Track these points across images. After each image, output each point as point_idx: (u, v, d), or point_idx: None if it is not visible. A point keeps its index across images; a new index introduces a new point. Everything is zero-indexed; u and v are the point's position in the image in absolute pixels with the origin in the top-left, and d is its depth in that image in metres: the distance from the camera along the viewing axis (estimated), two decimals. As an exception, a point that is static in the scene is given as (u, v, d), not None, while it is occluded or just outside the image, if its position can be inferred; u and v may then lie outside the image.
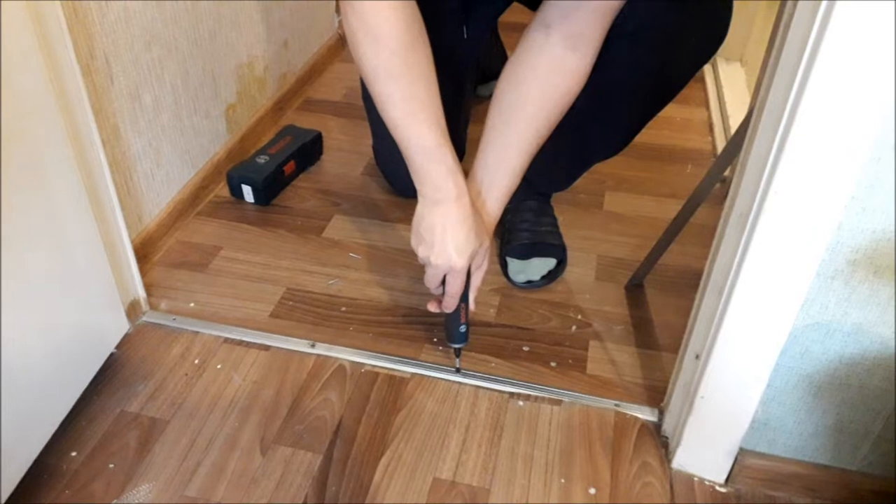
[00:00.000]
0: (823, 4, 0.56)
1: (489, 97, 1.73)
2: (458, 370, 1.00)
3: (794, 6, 0.60)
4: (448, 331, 0.99)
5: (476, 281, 0.96)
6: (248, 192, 1.32)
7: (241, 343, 1.05)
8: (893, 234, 0.65)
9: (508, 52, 1.67)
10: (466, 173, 1.38)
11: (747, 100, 1.58)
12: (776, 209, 0.65)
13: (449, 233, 0.88)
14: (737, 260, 0.71)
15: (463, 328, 0.97)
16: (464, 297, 0.95)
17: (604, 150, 1.14)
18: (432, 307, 0.99)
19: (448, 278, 0.91)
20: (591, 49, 0.88)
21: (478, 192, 0.95)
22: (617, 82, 0.97)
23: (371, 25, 0.81)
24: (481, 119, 1.54)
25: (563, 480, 0.88)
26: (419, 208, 0.90)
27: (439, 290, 0.95)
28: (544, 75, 0.89)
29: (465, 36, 1.20)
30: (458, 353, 1.00)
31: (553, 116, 0.92)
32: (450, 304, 0.94)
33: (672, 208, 1.09)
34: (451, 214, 0.87)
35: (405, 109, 0.85)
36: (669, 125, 1.58)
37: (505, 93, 0.93)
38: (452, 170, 0.87)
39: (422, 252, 0.91)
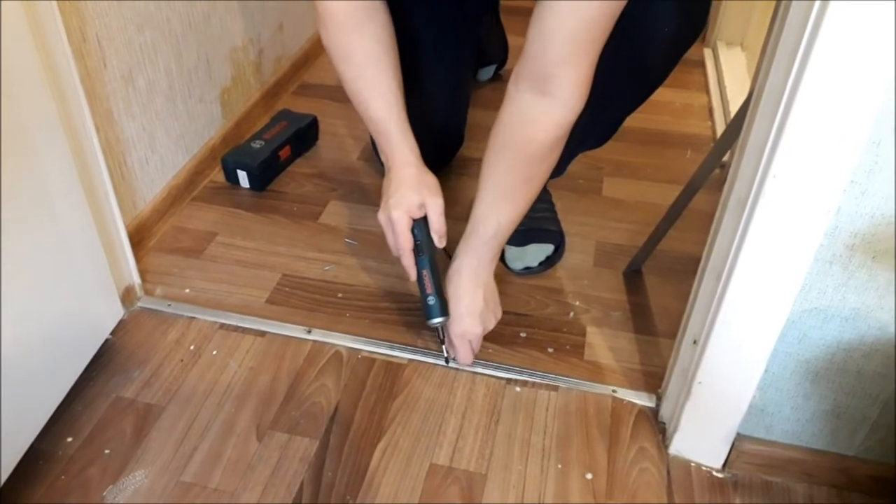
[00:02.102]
0: (824, -14, 0.55)
1: (488, 81, 1.71)
2: (446, 360, 0.99)
3: (795, -12, 0.60)
4: (423, 306, 0.96)
5: (432, 218, 0.97)
6: (243, 177, 1.32)
7: (236, 329, 1.04)
8: (893, 217, 0.64)
9: (509, 36, 1.67)
10: (464, 158, 1.37)
11: (747, 84, 1.57)
12: (775, 194, 0.65)
13: (390, 191, 0.95)
14: (735, 245, 0.70)
15: (431, 300, 0.94)
16: (425, 264, 0.96)
17: (589, 140, 1.13)
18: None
19: (393, 229, 0.95)
20: (564, 94, 0.82)
21: (470, 232, 0.96)
22: (596, 72, 0.96)
23: (321, 11, 0.92)
24: (482, 103, 1.55)
25: (559, 466, 0.88)
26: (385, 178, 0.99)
27: (397, 253, 0.97)
28: (513, 121, 0.87)
29: (464, 19, 1.19)
30: (439, 332, 0.97)
31: (531, 162, 0.89)
32: (405, 264, 0.96)
33: (671, 194, 1.09)
34: (395, 176, 0.96)
35: (354, 88, 0.96)
36: (669, 110, 1.57)
37: (488, 145, 0.92)
38: (398, 140, 0.96)
39: (381, 213, 0.97)
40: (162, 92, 1.19)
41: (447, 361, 0.99)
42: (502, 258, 1.16)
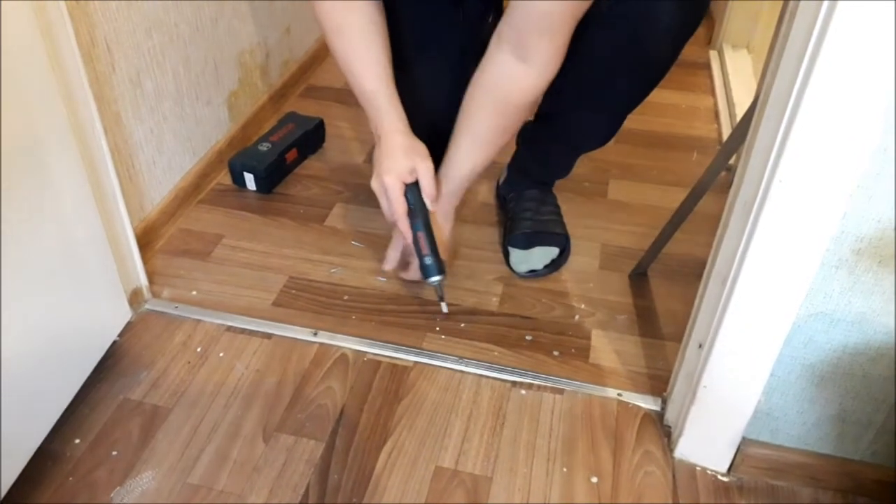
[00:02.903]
0: (830, -9, 0.55)
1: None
2: (446, 315, 1.05)
3: (801, -8, 0.60)
4: (420, 268, 1.03)
5: (424, 183, 1.00)
6: (250, 179, 1.32)
7: (243, 331, 1.05)
8: (899, 223, 0.65)
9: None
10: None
11: (754, 87, 1.56)
12: (781, 198, 0.65)
13: (381, 158, 0.99)
14: (741, 249, 0.70)
15: (428, 260, 1.00)
16: (419, 227, 1.00)
17: (592, 137, 1.12)
18: (404, 274, 1.09)
19: (387, 200, 0.99)
20: (540, 62, 0.90)
21: (443, 174, 1.03)
22: (594, 66, 0.97)
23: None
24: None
25: (565, 469, 0.88)
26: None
27: (392, 218, 1.01)
28: (493, 78, 0.95)
29: (462, 15, 1.19)
30: (438, 290, 1.04)
31: (506, 115, 0.97)
32: (401, 227, 1.00)
33: (677, 196, 1.08)
34: (384, 143, 0.99)
35: (344, 61, 0.98)
36: (675, 113, 1.57)
37: (468, 94, 0.99)
38: (387, 111, 0.99)
39: (374, 181, 1.01)
40: (170, 95, 1.20)
41: (446, 312, 1.06)
42: (507, 261, 1.17)
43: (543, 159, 1.19)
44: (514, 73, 0.92)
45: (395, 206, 0.99)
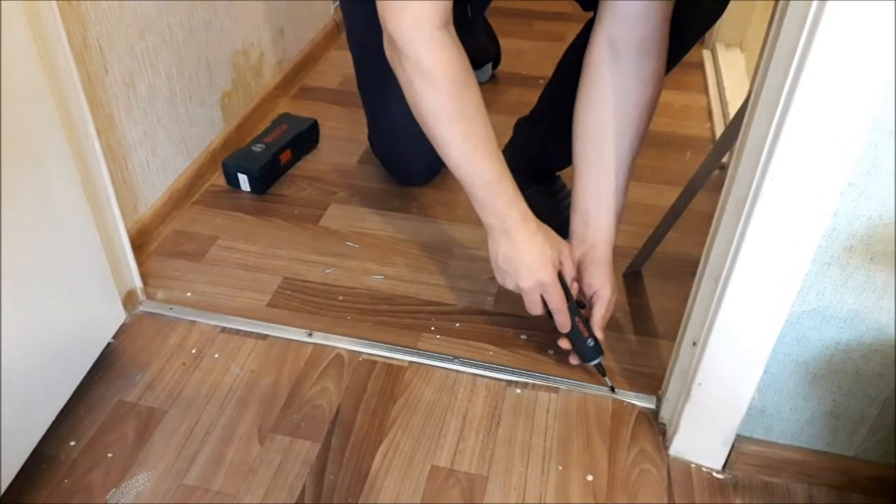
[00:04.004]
0: (820, -11, 0.55)
1: (485, 83, 1.72)
2: (612, 389, 0.96)
3: (791, -9, 0.60)
4: (578, 352, 0.95)
5: (567, 266, 0.92)
6: (244, 180, 1.32)
7: (238, 332, 1.05)
8: (891, 219, 0.65)
9: (501, 39, 1.67)
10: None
11: (746, 86, 1.57)
12: (773, 195, 0.65)
13: (524, 254, 0.89)
14: (733, 247, 0.71)
15: (590, 342, 0.94)
16: (574, 311, 0.92)
17: None
18: (563, 344, 0.97)
19: (545, 296, 0.90)
20: (662, 48, 0.88)
21: (585, 223, 0.96)
22: None
23: (427, 70, 0.83)
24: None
25: (560, 468, 0.88)
26: (491, 244, 0.92)
27: (542, 310, 0.93)
28: (623, 92, 0.90)
29: (469, 15, 1.19)
30: (599, 369, 0.96)
31: (642, 126, 0.93)
32: (562, 321, 0.92)
33: (670, 195, 1.09)
34: (520, 237, 0.89)
35: (466, 148, 0.87)
36: (668, 112, 1.57)
37: (588, 118, 0.93)
38: (514, 198, 0.89)
39: (510, 283, 0.91)
40: (163, 96, 1.20)
41: (612, 391, 0.96)
42: None
43: (543, 148, 1.19)
44: (645, 72, 0.88)
45: (558, 301, 0.90)
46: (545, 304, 0.92)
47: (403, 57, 0.83)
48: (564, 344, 0.96)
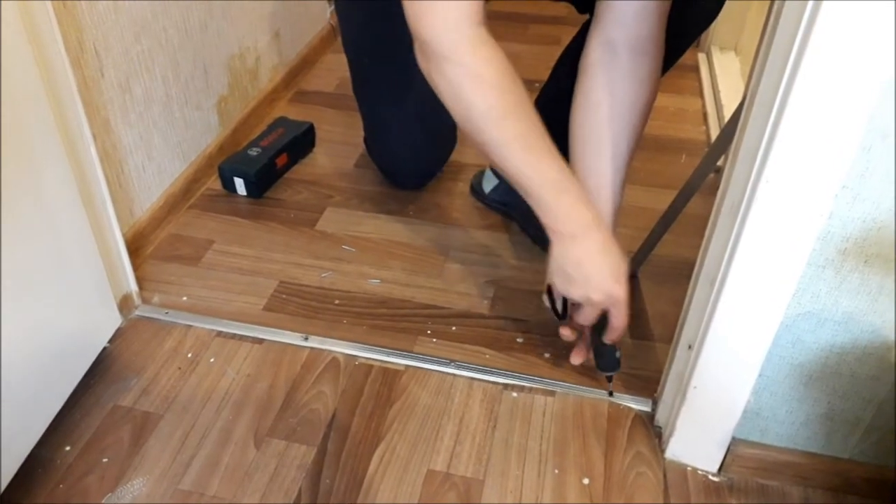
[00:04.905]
0: (813, -7, 0.56)
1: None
2: (610, 393, 0.96)
3: (785, -5, 0.60)
4: (604, 360, 0.93)
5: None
6: (240, 184, 1.32)
7: (234, 336, 1.05)
8: (885, 222, 0.65)
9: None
10: (458, 164, 1.37)
11: (741, 89, 1.57)
12: (767, 199, 0.65)
13: (599, 262, 0.83)
14: (728, 250, 0.71)
15: (618, 354, 0.92)
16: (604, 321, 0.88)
17: None
18: (567, 333, 0.94)
19: (612, 311, 0.85)
20: (660, 47, 0.87)
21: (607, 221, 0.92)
22: None
23: (475, 70, 0.78)
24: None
25: (556, 471, 0.88)
26: (555, 249, 0.84)
27: (593, 321, 0.89)
28: (620, 93, 0.88)
29: None
30: (610, 378, 0.96)
31: (640, 126, 0.91)
32: (615, 338, 0.89)
33: (666, 198, 1.09)
34: (595, 243, 0.82)
35: (523, 146, 0.81)
36: (663, 115, 1.58)
37: (585, 119, 0.91)
38: (582, 196, 0.83)
39: (576, 292, 0.85)
40: (159, 100, 1.20)
41: (610, 394, 0.96)
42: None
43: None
44: (639, 75, 0.87)
45: (624, 320, 0.86)
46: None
47: (445, 61, 0.78)
48: (568, 334, 0.94)
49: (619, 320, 0.86)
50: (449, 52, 0.77)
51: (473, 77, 0.78)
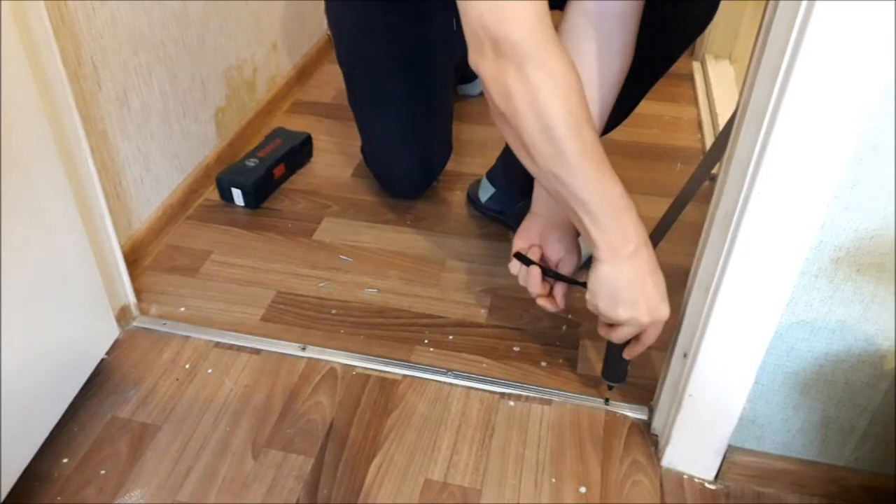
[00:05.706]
0: (804, 4, 0.56)
1: (477, 95, 1.72)
2: (606, 400, 0.97)
3: (776, 5, 0.61)
4: (615, 371, 0.93)
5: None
6: (237, 195, 1.32)
7: (231, 347, 1.05)
8: (877, 231, 0.66)
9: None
10: (455, 173, 1.37)
11: (736, 98, 1.58)
12: (760, 209, 0.66)
13: (651, 282, 0.80)
14: (722, 259, 0.71)
15: (630, 366, 0.93)
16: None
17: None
18: (549, 305, 0.92)
19: (651, 331, 0.84)
20: (636, 22, 0.85)
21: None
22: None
23: (556, 72, 0.72)
24: (469, 119, 1.56)
25: (553, 480, 0.88)
26: (604, 268, 0.79)
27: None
28: (596, 63, 0.85)
29: (454, 28, 1.20)
30: (611, 388, 0.97)
31: (609, 96, 0.89)
32: (639, 350, 0.88)
33: (661, 207, 1.10)
34: (645, 264, 0.79)
35: (597, 158, 0.75)
36: (658, 123, 1.59)
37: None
38: (632, 212, 0.79)
39: (624, 313, 0.81)
40: (157, 112, 1.20)
41: (606, 402, 0.98)
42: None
43: None
44: (615, 46, 0.84)
45: (656, 337, 0.85)
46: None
47: (528, 61, 0.70)
48: (548, 304, 0.93)
49: (651, 339, 0.85)
50: (534, 51, 0.71)
51: (556, 81, 0.72)
